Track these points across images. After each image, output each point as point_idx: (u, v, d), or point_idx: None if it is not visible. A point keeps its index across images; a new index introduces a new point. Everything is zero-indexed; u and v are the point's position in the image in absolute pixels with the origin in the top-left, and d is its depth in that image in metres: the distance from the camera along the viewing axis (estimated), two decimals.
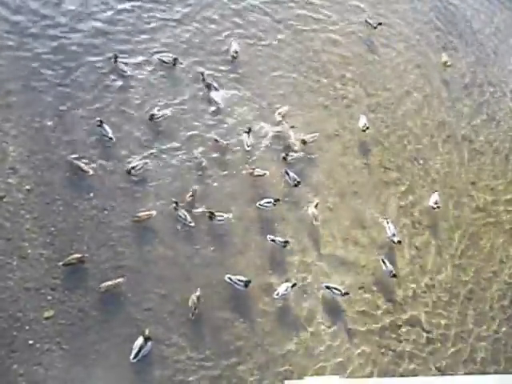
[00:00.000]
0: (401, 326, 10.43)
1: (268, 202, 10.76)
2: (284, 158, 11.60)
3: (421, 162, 12.91)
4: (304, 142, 11.92)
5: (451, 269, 11.46)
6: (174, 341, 9.13)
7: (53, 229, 9.66)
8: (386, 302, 10.63)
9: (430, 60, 15.06)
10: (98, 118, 10.82)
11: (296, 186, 11.14)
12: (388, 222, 11.19)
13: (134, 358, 8.69)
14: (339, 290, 10.05)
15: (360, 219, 11.52)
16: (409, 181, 12.47)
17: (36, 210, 9.76)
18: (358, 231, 11.36)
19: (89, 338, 8.80)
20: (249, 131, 11.62)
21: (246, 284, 9.71)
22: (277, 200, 10.78)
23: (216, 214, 10.27)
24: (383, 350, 10.03)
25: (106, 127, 10.78)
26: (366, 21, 14.76)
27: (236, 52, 12.75)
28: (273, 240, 10.35)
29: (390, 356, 10.01)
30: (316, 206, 11.05)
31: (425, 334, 10.47)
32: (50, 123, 10.73)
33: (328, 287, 10.08)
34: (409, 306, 10.71)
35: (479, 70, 15.51)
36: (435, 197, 11.96)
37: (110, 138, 10.72)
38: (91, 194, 10.19)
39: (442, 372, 10.08)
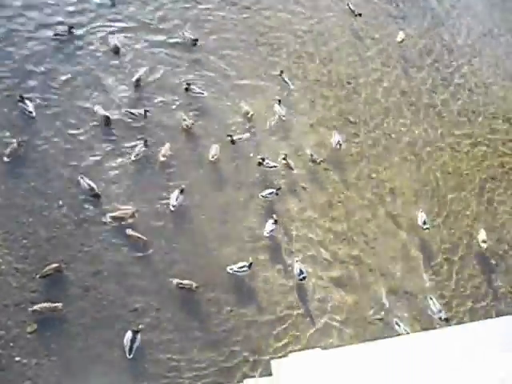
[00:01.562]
0: None
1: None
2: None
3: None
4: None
5: None
6: (164, 340, 9.10)
7: (25, 241, 9.44)
8: None
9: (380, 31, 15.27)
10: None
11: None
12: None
13: (130, 353, 8.65)
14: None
15: None
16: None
17: (5, 225, 9.51)
18: None
19: (77, 346, 8.71)
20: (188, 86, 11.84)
21: (250, 266, 9.88)
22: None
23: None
24: None
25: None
26: (348, 7, 14.99)
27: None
28: None
29: None
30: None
31: None
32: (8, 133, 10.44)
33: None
34: None
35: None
36: (422, 215, 11.54)
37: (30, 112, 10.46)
38: (60, 202, 9.98)
39: None
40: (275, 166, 11.43)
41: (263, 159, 11.29)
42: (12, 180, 10.00)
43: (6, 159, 10.08)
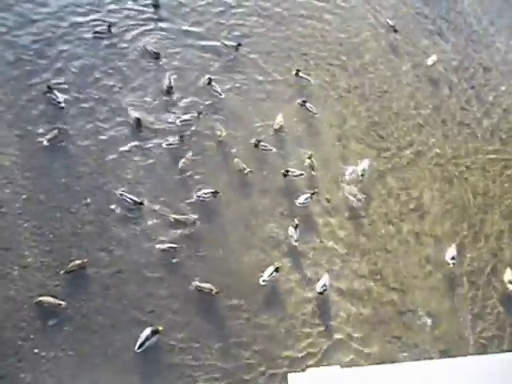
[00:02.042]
0: None
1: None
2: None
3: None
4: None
5: None
6: (180, 344, 9.11)
7: (51, 236, 9.66)
8: None
9: (416, 45, 15.07)
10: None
11: None
12: None
13: (139, 348, 8.71)
14: None
15: None
16: None
17: (33, 218, 9.76)
18: None
19: (94, 343, 8.83)
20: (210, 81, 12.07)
21: (277, 270, 9.89)
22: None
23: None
24: None
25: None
26: (387, 22, 14.93)
27: None
28: None
29: None
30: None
31: None
32: (41, 130, 10.75)
33: None
34: None
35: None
36: (452, 251, 11.15)
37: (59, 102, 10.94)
38: (88, 200, 10.18)
39: None
40: (301, 175, 11.41)
41: (287, 171, 11.29)
42: (44, 175, 10.28)
43: (45, 143, 10.49)
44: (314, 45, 14.04)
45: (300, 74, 12.93)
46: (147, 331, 8.82)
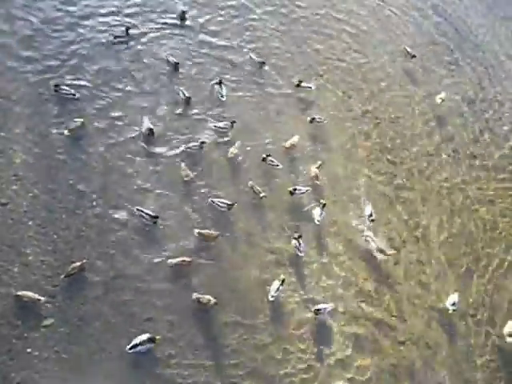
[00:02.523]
0: None
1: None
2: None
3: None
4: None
5: None
6: (173, 355, 8.99)
7: (55, 236, 9.66)
8: None
9: (432, 74, 15.15)
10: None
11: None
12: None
13: (131, 348, 8.65)
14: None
15: None
16: None
17: (39, 217, 9.78)
18: None
19: (88, 348, 8.74)
20: (220, 82, 12.33)
21: (282, 283, 9.89)
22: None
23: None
24: None
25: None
26: (404, 48, 15.08)
27: None
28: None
29: None
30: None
31: None
32: (55, 131, 10.88)
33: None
34: None
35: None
36: (454, 297, 10.82)
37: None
38: (94, 203, 10.21)
39: None
40: (307, 191, 11.43)
41: (295, 189, 11.30)
42: (53, 175, 10.34)
43: (66, 133, 10.81)
44: (331, 65, 14.18)
45: (302, 84, 13.05)
46: (144, 336, 8.75)
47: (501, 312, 11.22)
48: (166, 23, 13.58)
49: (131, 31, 12.85)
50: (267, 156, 11.52)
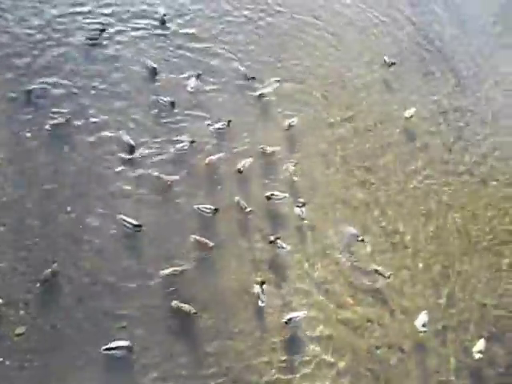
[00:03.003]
0: None
1: None
2: None
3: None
4: None
5: None
6: (148, 364, 8.87)
7: (28, 242, 9.46)
8: None
9: (407, 84, 15.52)
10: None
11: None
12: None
13: (106, 350, 8.54)
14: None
15: None
16: None
17: (11, 223, 9.56)
18: None
19: (61, 356, 8.56)
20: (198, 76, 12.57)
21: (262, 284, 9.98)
22: None
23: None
24: None
25: None
26: (384, 59, 15.34)
27: None
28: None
29: None
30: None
31: None
32: (29, 134, 10.67)
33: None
34: None
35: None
36: (424, 318, 10.72)
37: None
38: (68, 208, 10.03)
39: None
40: (285, 197, 11.46)
41: (272, 194, 11.31)
42: (28, 180, 10.16)
43: (48, 127, 10.68)
44: (309, 73, 14.33)
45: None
46: (123, 343, 8.64)
47: (472, 322, 11.42)
48: (145, 26, 13.46)
49: (107, 32, 12.68)
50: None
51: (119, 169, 10.88)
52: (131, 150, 11.05)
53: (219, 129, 12.01)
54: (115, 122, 11.50)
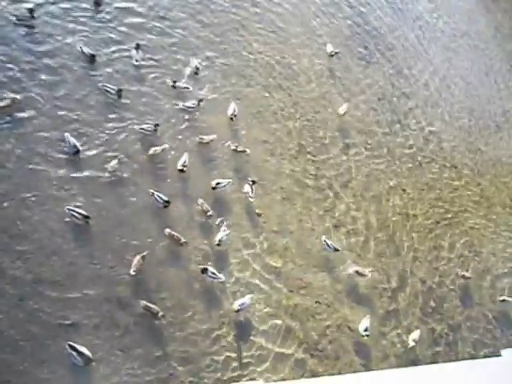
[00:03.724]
0: None
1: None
2: None
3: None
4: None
5: None
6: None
7: None
8: None
9: (348, 73, 15.90)
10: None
11: None
12: None
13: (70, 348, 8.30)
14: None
15: None
16: None
17: None
18: None
19: (6, 359, 8.12)
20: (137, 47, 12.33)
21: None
22: None
23: None
24: None
25: None
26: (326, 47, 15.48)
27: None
28: None
29: None
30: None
31: None
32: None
33: None
34: None
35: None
36: (366, 322, 10.94)
37: None
38: (5, 204, 9.45)
39: None
40: (229, 183, 11.37)
41: (218, 183, 11.19)
42: None
43: None
44: (252, 63, 14.24)
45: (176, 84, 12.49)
46: (86, 351, 8.37)
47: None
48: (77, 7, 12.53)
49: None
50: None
51: (63, 160, 10.36)
52: (76, 151, 10.41)
53: (190, 107, 12.17)
54: (53, 109, 10.87)
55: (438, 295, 12.45)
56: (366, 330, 10.82)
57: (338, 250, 11.60)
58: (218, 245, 10.47)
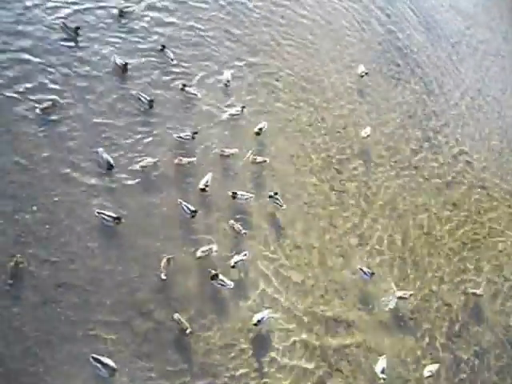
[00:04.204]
0: None
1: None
2: None
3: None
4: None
5: None
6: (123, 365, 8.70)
7: None
8: None
9: (378, 89, 15.79)
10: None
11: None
12: None
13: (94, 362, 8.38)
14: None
15: None
16: None
17: None
18: None
19: (25, 360, 8.21)
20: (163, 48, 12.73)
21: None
22: None
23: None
24: None
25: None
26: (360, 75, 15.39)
27: None
28: None
29: None
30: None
31: None
32: None
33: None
34: None
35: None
36: (383, 363, 10.43)
37: None
38: (34, 208, 9.67)
39: None
40: (251, 197, 11.34)
41: (235, 193, 11.15)
42: None
43: (38, 111, 10.53)
44: (280, 76, 14.29)
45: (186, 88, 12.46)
46: (110, 362, 8.42)
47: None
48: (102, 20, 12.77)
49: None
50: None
51: (90, 168, 10.57)
52: (109, 166, 10.56)
53: (234, 114, 12.55)
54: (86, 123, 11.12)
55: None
56: (382, 372, 10.20)
57: (373, 274, 11.42)
58: (233, 267, 10.31)
